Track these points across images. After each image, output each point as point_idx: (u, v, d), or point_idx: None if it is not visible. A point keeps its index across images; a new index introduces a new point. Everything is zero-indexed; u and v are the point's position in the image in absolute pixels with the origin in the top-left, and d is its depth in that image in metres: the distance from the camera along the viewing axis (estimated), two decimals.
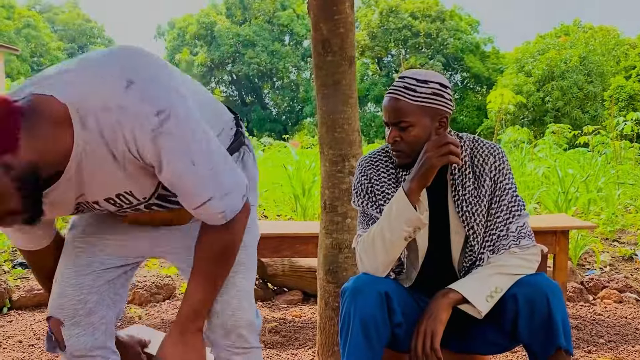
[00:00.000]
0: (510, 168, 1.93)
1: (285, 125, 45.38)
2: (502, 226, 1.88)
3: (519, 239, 1.85)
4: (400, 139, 1.84)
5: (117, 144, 1.28)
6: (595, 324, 3.41)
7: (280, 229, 3.56)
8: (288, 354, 2.95)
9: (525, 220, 1.90)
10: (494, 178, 1.89)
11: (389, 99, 1.84)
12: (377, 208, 1.97)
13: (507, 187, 1.89)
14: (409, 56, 38.95)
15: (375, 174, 1.98)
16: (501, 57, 39.63)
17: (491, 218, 1.89)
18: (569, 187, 5.94)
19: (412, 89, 1.81)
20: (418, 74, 1.84)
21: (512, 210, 1.89)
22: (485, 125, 29.16)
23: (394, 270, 2.02)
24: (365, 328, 1.76)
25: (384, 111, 1.87)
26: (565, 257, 3.47)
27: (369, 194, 1.98)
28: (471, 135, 1.97)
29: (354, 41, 2.63)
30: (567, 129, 16.06)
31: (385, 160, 1.99)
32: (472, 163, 1.91)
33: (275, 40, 45.01)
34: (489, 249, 1.89)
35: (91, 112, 1.25)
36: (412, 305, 1.94)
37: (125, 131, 1.26)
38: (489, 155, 1.90)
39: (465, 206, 1.89)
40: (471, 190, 1.89)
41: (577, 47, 29.24)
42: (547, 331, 1.70)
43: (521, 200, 1.91)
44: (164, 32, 48.64)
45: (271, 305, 3.89)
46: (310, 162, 7.89)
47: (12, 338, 3.19)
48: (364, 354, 1.76)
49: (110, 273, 1.72)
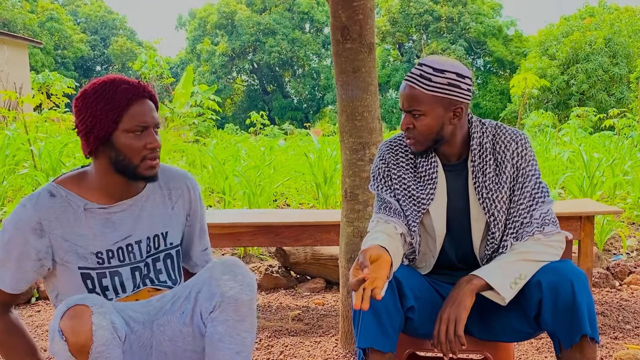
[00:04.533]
0: (534, 154, 1.90)
1: (306, 113, 45.32)
2: (526, 213, 1.85)
3: (543, 225, 1.83)
4: (412, 126, 1.84)
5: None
6: (622, 310, 3.37)
7: (302, 217, 3.57)
8: (311, 342, 2.96)
9: (549, 207, 1.87)
10: (516, 164, 1.87)
11: (404, 86, 1.84)
12: (391, 192, 1.96)
13: (529, 174, 1.87)
14: (431, 41, 38.59)
15: (393, 159, 1.98)
16: (524, 40, 39.05)
17: (514, 205, 1.87)
18: (594, 172, 5.85)
19: (427, 77, 1.79)
20: (436, 62, 1.81)
21: (535, 197, 1.86)
22: (509, 110, 28.84)
23: (407, 257, 2.01)
24: (377, 314, 1.76)
25: (399, 97, 1.86)
26: (591, 243, 3.42)
27: (385, 179, 1.98)
28: (494, 122, 1.94)
29: (374, 27, 2.61)
30: (592, 113, 15.83)
31: (405, 145, 1.98)
32: (493, 149, 1.89)
33: (296, 28, 44.86)
34: (512, 236, 1.87)
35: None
36: (428, 289, 1.94)
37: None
38: (511, 142, 1.88)
39: (486, 193, 1.87)
40: (492, 177, 1.87)
41: (602, 28, 28.70)
42: (572, 318, 1.68)
43: (545, 187, 1.89)
44: (185, 23, 48.77)
45: (294, 294, 3.90)
46: (332, 150, 7.87)
47: (40, 328, 3.25)
48: (377, 340, 1.76)
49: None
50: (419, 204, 1.92)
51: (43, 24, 41.13)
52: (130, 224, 1.75)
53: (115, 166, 1.68)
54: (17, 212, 1.67)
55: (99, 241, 1.70)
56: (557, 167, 7.62)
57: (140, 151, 1.66)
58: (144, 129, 1.67)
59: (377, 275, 1.58)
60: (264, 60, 43.91)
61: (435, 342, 1.76)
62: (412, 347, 2.03)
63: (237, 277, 1.66)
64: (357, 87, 2.59)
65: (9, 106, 11.87)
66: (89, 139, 1.66)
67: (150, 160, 1.68)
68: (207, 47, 44.24)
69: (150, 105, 1.70)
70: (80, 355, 1.43)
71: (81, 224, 1.69)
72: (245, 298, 1.65)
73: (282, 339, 3.02)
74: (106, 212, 1.72)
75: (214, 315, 1.64)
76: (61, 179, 1.74)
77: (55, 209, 1.67)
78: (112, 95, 1.63)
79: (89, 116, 1.64)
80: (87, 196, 1.71)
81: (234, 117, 41.24)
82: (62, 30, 42.48)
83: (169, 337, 1.71)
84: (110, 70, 47.03)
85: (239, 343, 1.65)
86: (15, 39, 19.45)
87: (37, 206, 1.66)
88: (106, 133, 1.64)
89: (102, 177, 1.71)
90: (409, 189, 1.94)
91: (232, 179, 6.05)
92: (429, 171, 1.92)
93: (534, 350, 2.81)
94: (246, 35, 42.81)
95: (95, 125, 1.64)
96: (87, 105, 1.65)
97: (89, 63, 47.59)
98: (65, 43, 43.04)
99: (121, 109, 1.62)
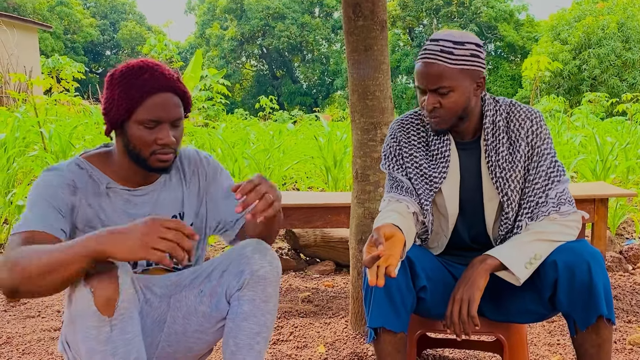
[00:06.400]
0: (549, 132, 1.86)
1: (315, 98, 45.21)
2: (541, 192, 1.82)
3: (559, 205, 1.79)
4: (439, 105, 1.76)
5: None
6: (635, 294, 3.33)
7: (312, 199, 3.54)
8: (321, 323, 2.95)
9: (566, 185, 1.83)
10: (531, 143, 1.83)
11: (424, 64, 1.75)
12: (403, 171, 1.93)
13: (545, 152, 1.83)
14: (441, 26, 38.31)
15: (405, 138, 1.94)
16: (536, 25, 38.69)
17: (529, 184, 1.83)
18: (607, 155, 5.78)
19: (449, 51, 1.72)
20: (453, 35, 1.76)
21: (551, 176, 1.82)
22: (520, 95, 28.63)
23: (419, 237, 1.99)
24: (389, 293, 1.74)
25: (418, 77, 1.77)
26: (604, 226, 3.38)
27: (397, 157, 1.95)
28: (508, 100, 1.90)
29: (386, 5, 2.56)
30: (604, 98, 15.68)
31: (417, 123, 1.94)
32: (507, 127, 1.85)
33: (305, 12, 44.64)
34: (527, 216, 1.83)
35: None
36: (440, 269, 1.91)
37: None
38: (526, 119, 1.84)
39: (499, 172, 1.83)
40: (505, 156, 1.83)
41: (615, 12, 28.34)
42: (588, 299, 1.65)
43: (561, 166, 1.85)
44: (195, 7, 48.64)
45: (304, 276, 3.89)
46: (342, 133, 7.83)
47: (50, 308, 3.26)
48: (390, 319, 1.74)
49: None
50: (431, 182, 1.89)
51: (53, 8, 41.16)
52: (149, 207, 1.73)
53: (128, 153, 1.65)
54: (47, 175, 1.62)
55: (119, 216, 1.69)
56: (569, 151, 7.56)
57: (150, 145, 1.62)
58: (157, 123, 1.61)
59: (391, 253, 1.55)
60: (273, 45, 43.78)
61: (447, 322, 1.73)
62: (423, 328, 2.01)
63: (266, 257, 1.65)
64: (368, 66, 2.54)
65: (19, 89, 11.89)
66: (105, 120, 1.64)
67: (161, 155, 1.63)
68: (217, 31, 44.16)
69: (172, 99, 1.62)
70: (106, 310, 1.41)
71: (104, 198, 1.67)
72: (273, 278, 1.65)
73: (292, 320, 3.01)
74: (128, 193, 1.71)
75: (241, 293, 1.63)
76: (87, 155, 1.72)
77: (83, 179, 1.66)
78: (131, 84, 1.58)
79: (108, 99, 1.62)
80: (111, 176, 1.70)
81: (243, 103, 41.18)
82: (71, 14, 42.52)
83: (184, 314, 1.70)
84: (119, 55, 47.06)
85: (261, 324, 1.65)
86: (25, 22, 19.48)
87: (68, 170, 1.64)
88: (119, 120, 1.61)
89: (122, 159, 1.69)
90: (421, 168, 1.91)
91: (241, 162, 6.04)
92: (442, 149, 1.88)
93: (546, 333, 2.79)
94: (255, 20, 42.67)
95: (111, 110, 1.61)
96: (110, 87, 1.62)
97: (99, 47, 47.61)
98: (75, 27, 43.08)
99: (136, 101, 1.58)
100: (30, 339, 2.78)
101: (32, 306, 3.28)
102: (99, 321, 1.41)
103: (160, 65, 1.64)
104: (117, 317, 1.42)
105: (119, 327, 1.43)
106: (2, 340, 2.76)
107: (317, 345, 2.67)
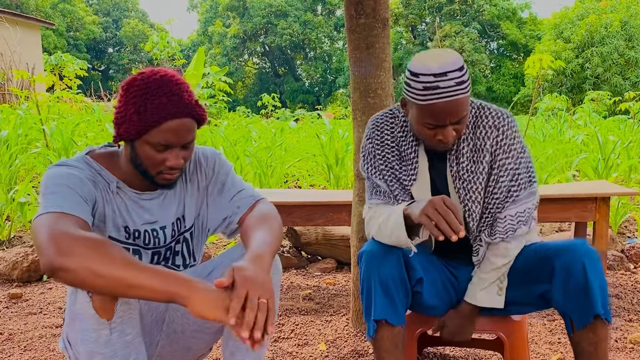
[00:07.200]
0: (518, 143, 1.79)
1: (318, 96, 45.19)
2: (500, 207, 1.81)
3: (516, 228, 1.79)
4: (456, 133, 1.71)
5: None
6: (637, 293, 3.33)
7: (313, 197, 3.54)
8: (322, 321, 2.95)
9: (528, 205, 1.80)
10: (494, 153, 1.78)
11: (447, 103, 1.62)
12: (379, 174, 1.89)
13: (507, 166, 1.78)
14: (444, 24, 38.23)
15: (378, 138, 1.90)
16: (539, 23, 38.64)
17: (488, 195, 1.81)
18: (609, 154, 5.78)
19: (461, 81, 1.62)
20: (449, 63, 1.62)
21: (511, 191, 1.80)
22: (522, 94, 28.59)
23: None
24: (386, 288, 1.75)
25: (439, 116, 1.65)
26: (606, 225, 3.38)
27: (373, 159, 1.90)
28: (478, 102, 1.83)
29: (388, 2, 2.56)
30: (607, 96, 15.64)
31: (391, 122, 1.90)
32: (473, 135, 1.80)
33: (308, 10, 44.61)
34: (485, 231, 1.83)
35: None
36: (433, 260, 1.94)
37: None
38: (492, 128, 1.78)
39: (460, 183, 1.81)
40: (466, 166, 1.80)
41: (618, 11, 28.28)
42: (584, 299, 1.66)
43: (524, 181, 1.80)
44: (197, 5, 48.64)
45: (305, 274, 3.89)
46: (344, 131, 7.82)
47: (52, 304, 3.26)
48: (387, 313, 1.76)
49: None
50: (402, 185, 1.87)
51: (55, 5, 41.17)
52: (156, 211, 1.71)
53: (135, 166, 1.62)
54: (61, 168, 1.54)
55: (129, 217, 1.67)
56: (571, 149, 7.55)
57: (158, 165, 1.58)
58: (167, 147, 1.56)
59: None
60: (276, 43, 43.75)
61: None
62: (424, 326, 2.02)
63: None
64: (370, 64, 2.54)
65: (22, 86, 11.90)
66: (115, 130, 1.60)
67: (167, 175, 1.60)
68: (219, 29, 44.15)
69: (186, 124, 1.56)
70: (105, 313, 1.40)
71: (116, 197, 1.65)
72: (274, 276, 1.63)
73: (293, 317, 3.01)
74: (136, 196, 1.68)
75: None
76: (94, 154, 1.67)
77: (93, 176, 1.61)
78: (146, 107, 1.51)
79: (121, 112, 1.56)
80: (118, 177, 1.66)
81: (245, 101, 41.17)
82: (74, 12, 42.54)
83: (182, 313, 1.70)
84: (122, 52, 47.05)
85: None
86: (28, 20, 19.49)
87: (83, 166, 1.60)
88: (129, 137, 1.56)
89: (128, 166, 1.65)
90: (393, 170, 1.88)
91: (243, 160, 6.04)
92: (410, 154, 1.85)
93: (547, 332, 2.79)
94: (258, 17, 42.65)
95: (122, 124, 1.56)
96: (124, 99, 1.56)
97: (101, 45, 47.65)
98: (78, 25, 43.10)
99: (149, 124, 1.52)
100: (32, 335, 2.79)
101: (33, 303, 3.29)
102: (98, 324, 1.40)
103: (180, 86, 1.56)
104: (116, 319, 1.41)
105: (119, 330, 1.43)
106: (4, 336, 2.77)
107: (318, 343, 2.67)
